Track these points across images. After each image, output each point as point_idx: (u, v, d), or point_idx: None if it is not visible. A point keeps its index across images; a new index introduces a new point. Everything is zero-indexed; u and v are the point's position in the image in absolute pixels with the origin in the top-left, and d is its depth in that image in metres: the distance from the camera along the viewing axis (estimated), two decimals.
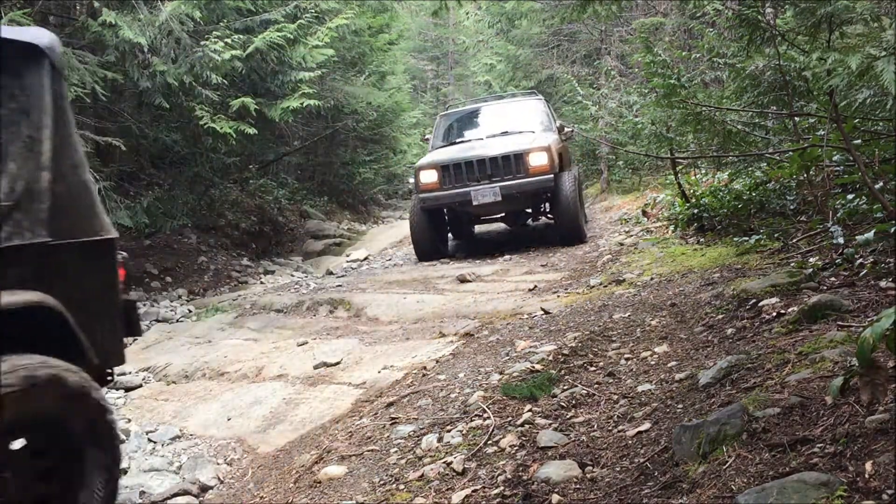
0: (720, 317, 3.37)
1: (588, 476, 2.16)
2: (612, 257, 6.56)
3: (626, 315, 3.96)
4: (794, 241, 4.50)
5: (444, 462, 2.51)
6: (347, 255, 10.75)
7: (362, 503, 2.43)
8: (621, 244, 7.20)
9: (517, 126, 8.95)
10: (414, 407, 3.22)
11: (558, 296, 5.29)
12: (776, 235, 4.76)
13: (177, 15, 7.53)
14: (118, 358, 2.75)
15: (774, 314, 3.04)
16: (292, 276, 9.67)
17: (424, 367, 3.88)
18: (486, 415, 2.84)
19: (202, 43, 7.83)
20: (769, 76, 4.07)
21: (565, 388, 2.98)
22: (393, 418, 3.14)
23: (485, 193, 7.82)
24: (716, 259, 4.95)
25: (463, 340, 4.36)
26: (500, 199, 7.84)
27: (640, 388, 2.77)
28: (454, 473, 2.42)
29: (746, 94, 4.64)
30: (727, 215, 5.93)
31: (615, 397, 2.77)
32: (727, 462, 1.83)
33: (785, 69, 3.89)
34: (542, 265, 6.98)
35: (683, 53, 7.88)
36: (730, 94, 5.51)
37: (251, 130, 8.59)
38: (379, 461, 2.74)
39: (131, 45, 7.22)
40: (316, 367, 4.58)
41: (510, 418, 2.77)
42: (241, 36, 8.25)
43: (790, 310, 2.99)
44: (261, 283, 9.17)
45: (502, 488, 2.22)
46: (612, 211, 11.24)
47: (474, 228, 10.49)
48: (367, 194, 17.84)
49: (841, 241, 3.72)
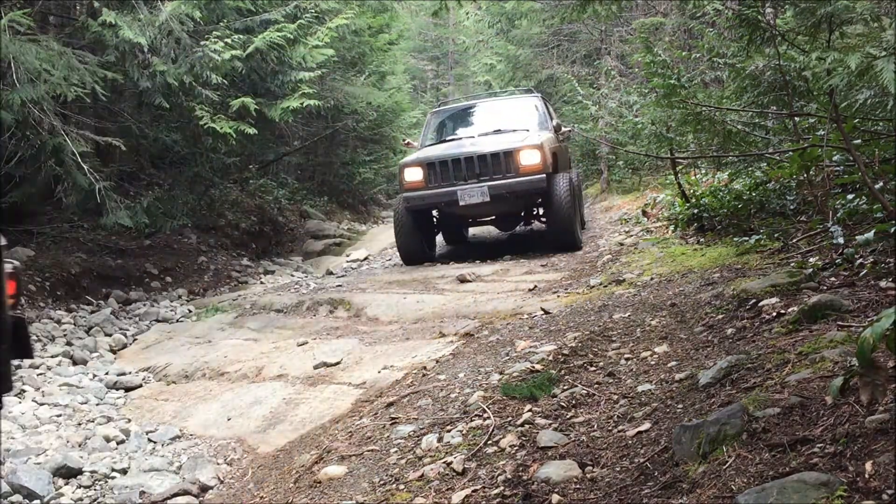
0: (720, 317, 3.37)
1: (588, 476, 2.16)
2: (612, 257, 6.57)
3: (626, 315, 3.96)
4: (794, 241, 4.50)
5: (444, 462, 2.51)
6: (347, 255, 10.75)
7: (362, 503, 2.43)
8: (621, 244, 7.20)
9: (511, 124, 8.53)
10: (414, 407, 3.22)
11: (558, 296, 5.29)
12: (776, 235, 4.76)
13: (177, 15, 7.53)
14: (4, 384, 2.32)
15: (774, 314, 3.04)
16: (292, 276, 9.67)
17: (424, 367, 3.88)
18: (486, 415, 2.84)
19: (202, 43, 7.83)
20: (769, 76, 4.07)
21: (565, 388, 2.98)
22: (393, 418, 3.14)
23: (472, 193, 7.44)
24: (716, 259, 4.95)
25: (463, 340, 4.36)
26: (488, 199, 7.44)
27: (640, 388, 2.77)
28: (454, 473, 2.42)
29: (746, 94, 4.64)
30: (727, 215, 5.93)
31: (615, 397, 2.77)
32: (727, 462, 1.83)
33: (785, 69, 3.89)
34: (542, 265, 6.98)
35: (683, 53, 7.88)
36: (730, 94, 5.51)
37: (251, 130, 8.58)
38: (379, 461, 2.74)
39: (131, 45, 7.23)
40: (316, 367, 4.59)
41: (510, 418, 2.77)
42: (241, 36, 8.25)
43: (790, 310, 2.99)
44: (261, 283, 9.18)
45: (502, 488, 2.22)
46: (612, 211, 11.25)
47: (468, 232, 10.12)
48: (367, 194, 17.85)
49: (841, 241, 3.72)
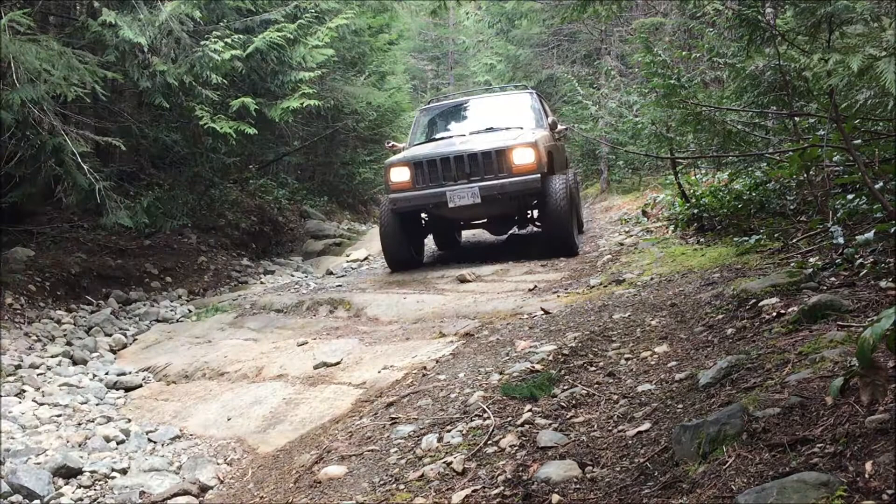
0: (720, 317, 3.37)
1: (588, 476, 2.16)
2: (612, 257, 6.57)
3: (626, 315, 3.96)
4: (794, 241, 4.50)
5: (444, 462, 2.51)
6: (347, 255, 10.74)
7: (362, 503, 2.43)
8: (621, 244, 7.20)
9: (505, 121, 8.20)
10: (414, 407, 3.22)
11: (558, 296, 5.29)
12: (776, 235, 4.76)
13: (177, 15, 7.53)
14: None
15: (774, 314, 3.04)
16: (292, 276, 9.67)
17: (424, 367, 3.88)
18: (486, 415, 2.84)
19: (202, 43, 7.83)
20: (769, 76, 4.08)
21: (565, 388, 2.98)
22: (393, 418, 3.14)
23: (461, 194, 7.06)
24: (716, 259, 4.95)
25: (463, 340, 4.36)
26: (478, 200, 7.04)
27: (640, 388, 2.77)
28: (454, 473, 2.42)
29: (746, 94, 4.65)
30: (727, 215, 5.94)
31: (615, 397, 2.77)
32: (727, 462, 1.83)
33: (785, 69, 3.89)
34: (542, 265, 6.98)
35: (683, 53, 7.89)
36: (730, 94, 5.52)
37: (251, 130, 8.58)
38: (379, 461, 2.74)
39: (131, 45, 7.23)
40: (316, 367, 4.59)
41: (510, 418, 2.77)
42: (241, 36, 8.25)
43: (790, 310, 2.99)
44: (261, 283, 9.18)
45: (502, 488, 2.22)
46: (612, 211, 11.25)
47: (460, 236, 9.74)
48: (367, 194, 17.84)
49: (841, 241, 3.72)
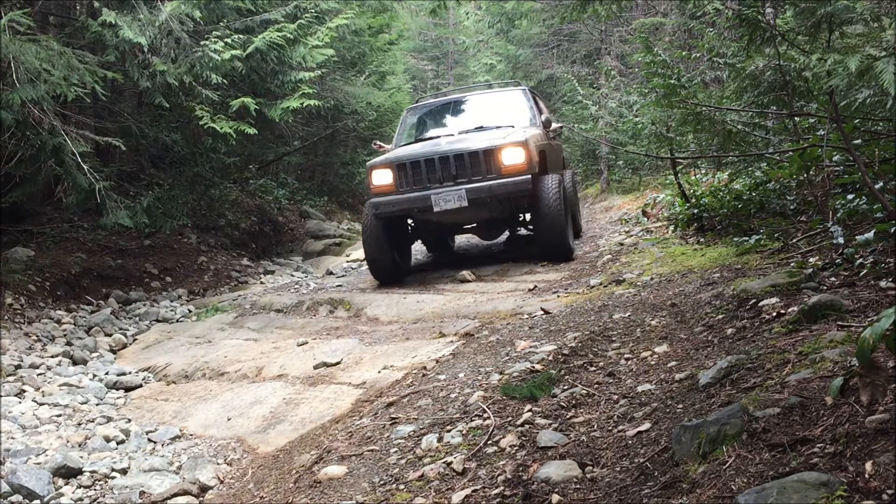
0: (720, 317, 3.37)
1: (588, 476, 2.16)
2: (612, 257, 6.56)
3: (626, 315, 3.96)
4: (794, 241, 4.50)
5: (444, 462, 2.51)
6: (347, 255, 10.75)
7: (362, 503, 2.43)
8: (621, 244, 7.20)
9: (495, 120, 7.88)
10: (414, 407, 3.22)
11: (558, 296, 5.29)
12: (776, 235, 4.76)
13: (177, 15, 7.54)
14: None
15: (774, 314, 3.04)
16: (292, 276, 9.68)
17: (424, 367, 3.88)
18: (486, 415, 2.84)
19: (202, 43, 7.84)
20: (769, 76, 4.07)
21: (565, 388, 2.98)
22: (393, 418, 3.14)
23: (447, 198, 6.62)
24: (716, 259, 4.95)
25: (463, 340, 4.36)
26: (466, 204, 6.60)
27: (640, 388, 2.77)
28: (454, 473, 2.42)
29: (746, 94, 4.64)
30: (727, 215, 5.94)
31: (615, 397, 2.77)
32: (727, 462, 1.83)
33: (785, 69, 3.89)
34: (542, 265, 6.98)
35: (683, 53, 7.88)
36: (730, 94, 5.52)
37: (251, 130, 8.59)
38: (379, 461, 2.74)
39: (131, 45, 7.23)
40: (316, 367, 4.59)
41: (510, 418, 2.77)
42: (241, 36, 8.26)
43: (790, 310, 2.99)
44: (261, 283, 9.18)
45: (502, 488, 2.22)
46: (612, 211, 11.25)
47: (453, 241, 9.37)
48: (367, 194, 17.79)
49: (841, 241, 3.72)
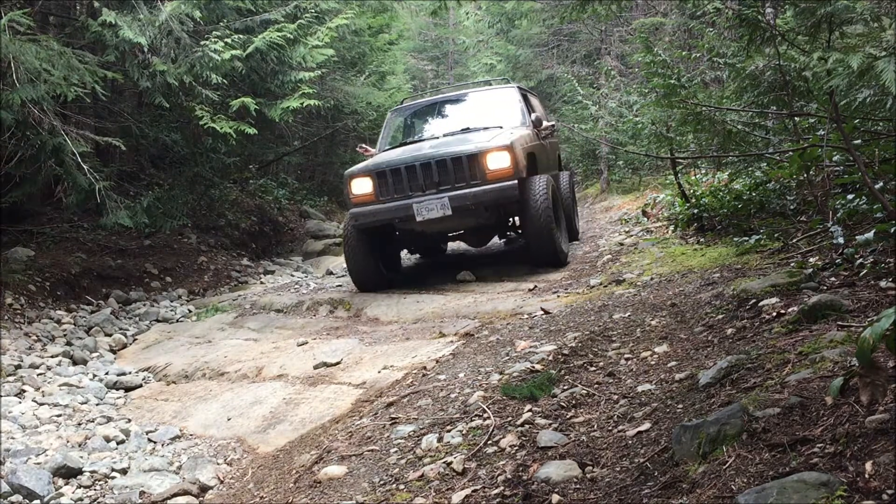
0: (720, 317, 3.37)
1: (588, 476, 2.16)
2: (612, 257, 6.56)
3: (626, 315, 3.96)
4: (794, 241, 4.50)
5: (444, 462, 2.51)
6: None
7: (362, 503, 2.43)
8: (621, 244, 7.20)
9: (483, 121, 7.44)
10: (414, 407, 3.22)
11: (558, 296, 5.29)
12: (776, 235, 4.76)
13: (177, 15, 7.54)
14: None
15: (774, 314, 3.04)
16: (292, 276, 9.68)
17: (424, 367, 3.88)
18: (486, 415, 2.84)
19: (202, 43, 7.84)
20: (769, 76, 4.07)
21: (565, 388, 2.98)
22: (393, 418, 3.14)
23: (430, 206, 6.23)
24: (716, 259, 4.95)
25: (463, 340, 4.36)
26: (449, 213, 6.22)
27: (640, 388, 2.77)
28: (454, 473, 2.42)
29: (746, 94, 4.64)
30: (727, 215, 5.94)
31: (615, 397, 2.77)
32: (727, 462, 1.83)
33: (785, 69, 3.89)
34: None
35: (683, 53, 7.88)
36: (730, 94, 5.52)
37: (251, 130, 8.59)
38: (379, 461, 2.74)
39: (131, 45, 7.23)
40: (316, 367, 4.59)
41: (510, 418, 2.77)
42: (241, 36, 8.26)
43: (790, 310, 2.99)
44: (261, 283, 9.18)
45: (502, 488, 2.22)
46: (612, 211, 11.25)
47: (446, 246, 8.98)
48: None
49: (841, 241, 3.72)
